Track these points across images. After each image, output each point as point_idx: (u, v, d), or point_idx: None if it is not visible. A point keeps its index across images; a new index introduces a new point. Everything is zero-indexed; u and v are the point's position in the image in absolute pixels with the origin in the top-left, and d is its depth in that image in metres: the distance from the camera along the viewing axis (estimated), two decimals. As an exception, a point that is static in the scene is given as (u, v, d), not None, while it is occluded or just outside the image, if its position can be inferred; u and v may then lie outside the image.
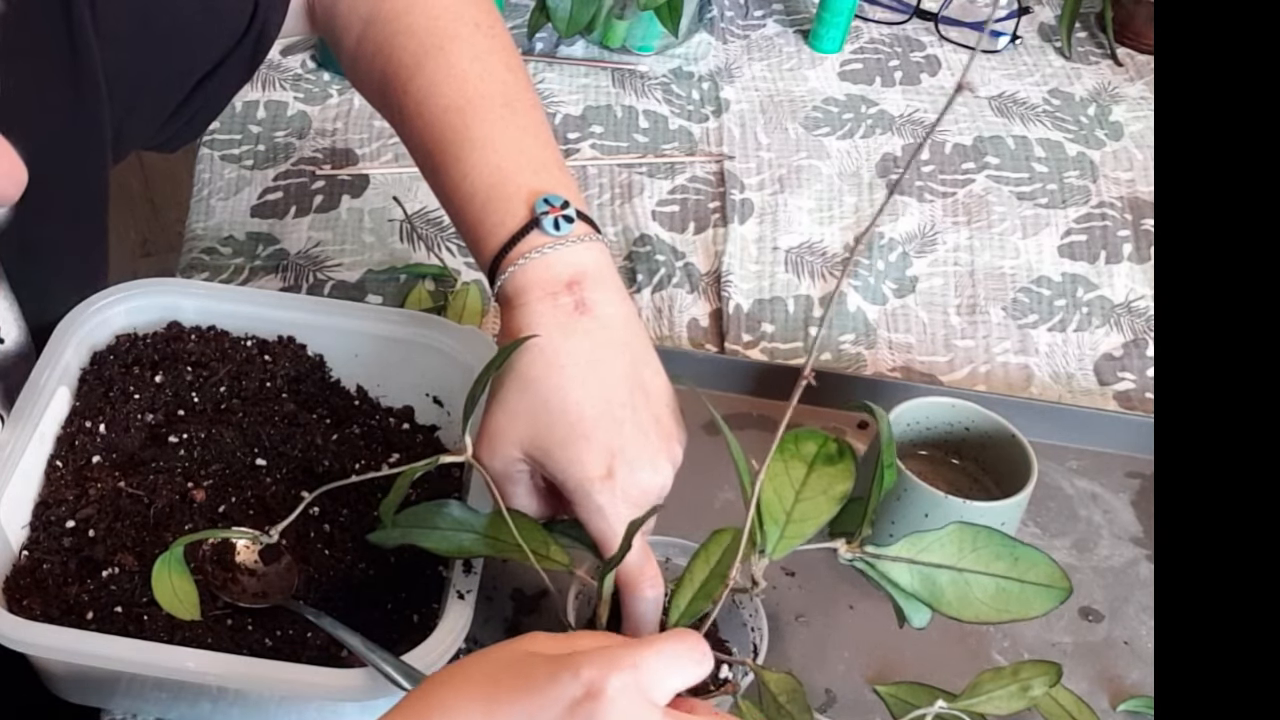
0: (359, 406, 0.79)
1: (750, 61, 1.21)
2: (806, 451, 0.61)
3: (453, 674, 0.52)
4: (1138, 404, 0.93)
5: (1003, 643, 0.76)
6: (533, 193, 0.68)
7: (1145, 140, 1.14)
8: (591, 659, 0.49)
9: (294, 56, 1.18)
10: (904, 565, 0.58)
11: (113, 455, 0.73)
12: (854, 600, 0.77)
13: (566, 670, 0.49)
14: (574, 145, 1.10)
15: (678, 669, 0.51)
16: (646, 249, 1.01)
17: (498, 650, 0.53)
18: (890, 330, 0.97)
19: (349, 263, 0.99)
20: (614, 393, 0.64)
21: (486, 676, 0.51)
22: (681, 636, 0.52)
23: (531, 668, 0.50)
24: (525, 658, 0.51)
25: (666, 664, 0.50)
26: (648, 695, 0.49)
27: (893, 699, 0.65)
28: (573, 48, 1.21)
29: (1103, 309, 0.99)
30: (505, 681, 0.50)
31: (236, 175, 1.06)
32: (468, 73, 0.72)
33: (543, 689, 0.49)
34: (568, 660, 0.50)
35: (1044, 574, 0.58)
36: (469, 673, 0.51)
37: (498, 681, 0.50)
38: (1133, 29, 1.24)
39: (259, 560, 0.69)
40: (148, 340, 0.77)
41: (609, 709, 0.48)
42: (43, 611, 0.66)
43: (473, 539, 0.65)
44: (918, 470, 0.76)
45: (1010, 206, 1.07)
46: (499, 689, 0.50)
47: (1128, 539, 0.83)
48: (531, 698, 0.49)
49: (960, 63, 1.22)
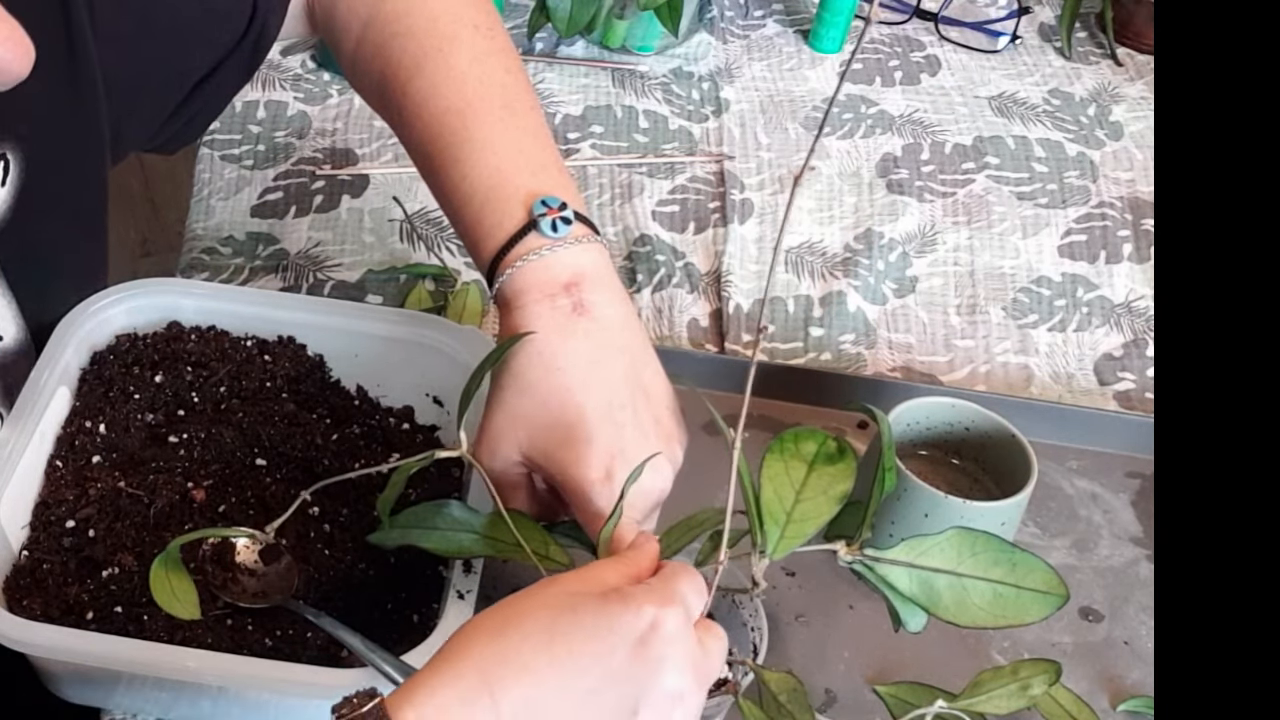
0: (359, 406, 0.79)
1: (750, 61, 1.21)
2: (806, 451, 0.61)
3: (501, 626, 0.51)
4: (1138, 404, 0.93)
5: (1002, 642, 0.76)
6: (531, 194, 0.68)
7: (1145, 140, 1.14)
8: (646, 595, 0.52)
9: (294, 56, 1.18)
10: (903, 569, 0.58)
11: (113, 455, 0.73)
12: (854, 600, 0.77)
13: (627, 609, 0.51)
14: (574, 145, 1.10)
15: (699, 597, 0.55)
16: (646, 249, 1.01)
17: (533, 596, 0.53)
18: (890, 330, 0.97)
19: (349, 263, 0.99)
20: (613, 394, 0.64)
21: (541, 625, 0.51)
22: (686, 568, 0.56)
23: (584, 611, 0.51)
24: (572, 601, 0.52)
25: (696, 593, 0.55)
26: (691, 625, 0.53)
27: (893, 699, 0.65)
28: (573, 48, 1.21)
29: (1103, 309, 0.99)
30: (564, 627, 0.51)
31: (236, 175, 1.06)
32: (467, 74, 0.72)
33: (607, 631, 0.51)
34: (622, 599, 0.52)
35: (1041, 580, 0.58)
36: (521, 624, 0.51)
37: (555, 627, 0.51)
38: (1133, 29, 1.24)
39: (259, 560, 0.69)
40: (148, 340, 0.77)
41: (671, 640, 0.51)
42: (43, 611, 0.66)
43: (473, 539, 0.65)
44: (918, 470, 0.76)
45: (1010, 206, 1.07)
46: (559, 636, 0.50)
47: (1128, 539, 0.83)
48: (597, 640, 0.51)
49: (960, 63, 1.23)
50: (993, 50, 1.24)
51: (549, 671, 0.50)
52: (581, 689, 0.50)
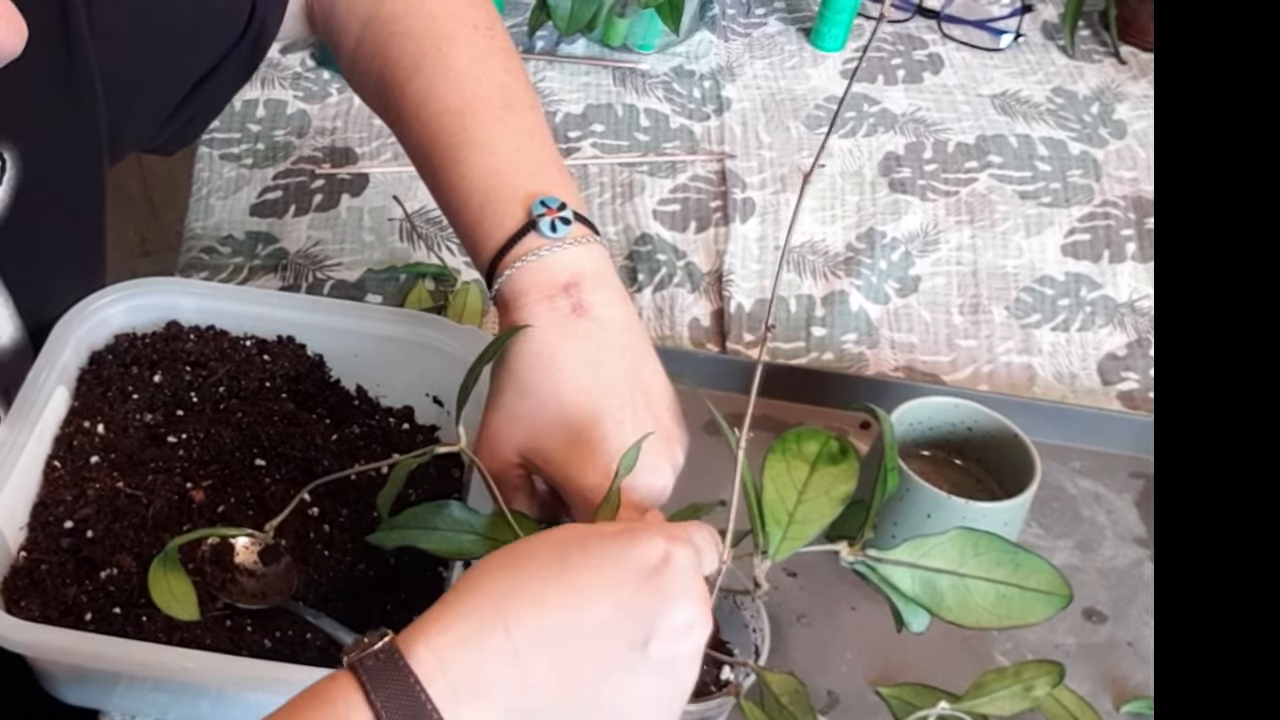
0: (359, 406, 0.79)
1: (752, 60, 1.21)
2: (809, 451, 0.61)
3: (511, 562, 0.52)
4: (1141, 404, 0.93)
5: (1005, 644, 0.76)
6: (530, 195, 0.67)
7: (1148, 139, 1.13)
8: (659, 531, 0.53)
9: (293, 55, 1.18)
10: (905, 569, 0.58)
11: (111, 455, 0.73)
12: (856, 601, 0.77)
13: (640, 540, 0.52)
14: (575, 144, 1.10)
15: (710, 552, 0.56)
16: (648, 248, 1.00)
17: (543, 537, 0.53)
18: (893, 330, 0.97)
19: (349, 262, 0.99)
20: (613, 395, 0.64)
21: (552, 560, 0.51)
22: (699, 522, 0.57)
23: (593, 546, 0.52)
24: (581, 536, 0.53)
25: (709, 544, 0.56)
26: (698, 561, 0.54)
27: (895, 700, 0.65)
28: (573, 46, 1.20)
29: (1106, 308, 0.99)
30: (575, 561, 0.51)
31: (236, 174, 1.06)
32: (466, 74, 0.72)
33: (619, 562, 0.51)
34: (635, 531, 0.53)
35: (1045, 581, 0.58)
36: (531, 560, 0.52)
37: (567, 561, 0.51)
38: (1136, 27, 1.24)
39: (258, 561, 0.69)
40: (146, 340, 0.77)
41: (680, 575, 0.52)
42: (41, 612, 0.66)
43: (473, 540, 0.65)
44: (920, 470, 0.76)
45: (1013, 205, 1.07)
46: (570, 569, 0.51)
47: (1131, 540, 0.83)
48: (608, 571, 0.51)
49: (963, 61, 1.22)
50: (996, 48, 1.24)
51: (560, 603, 0.50)
52: (594, 620, 0.50)
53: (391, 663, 0.48)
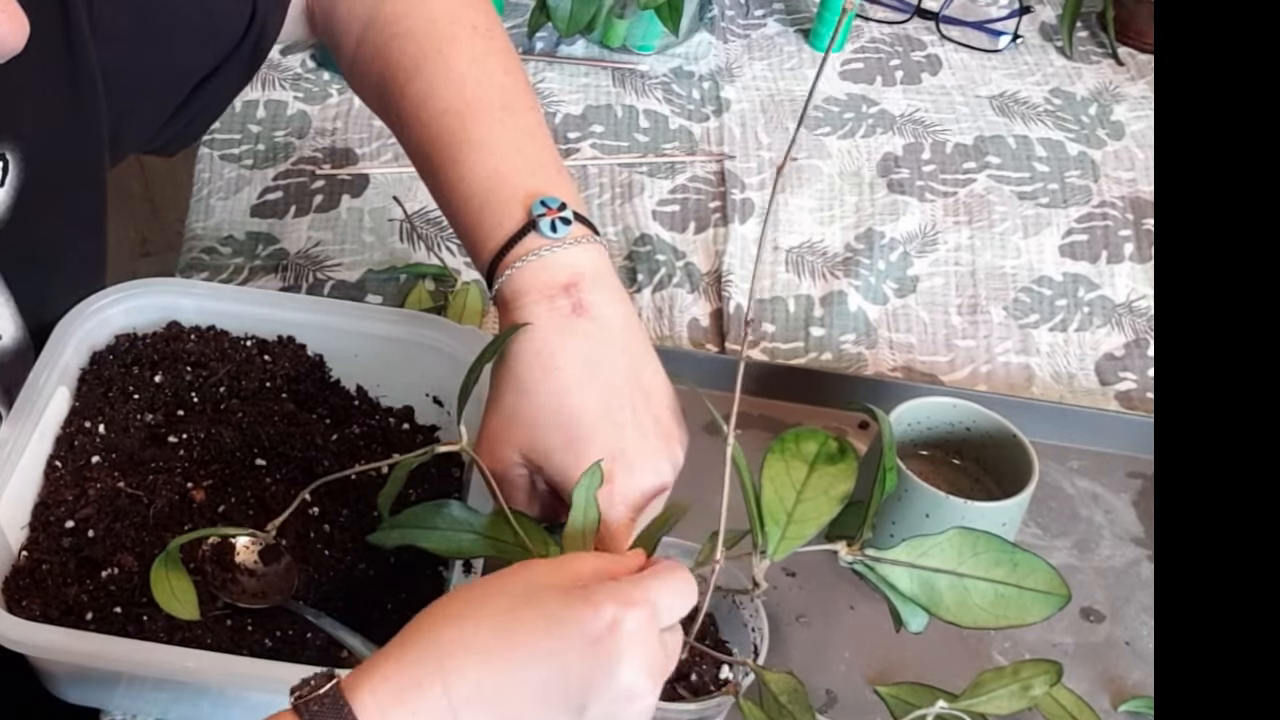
0: (359, 406, 0.79)
1: (751, 61, 1.21)
2: (807, 451, 0.61)
3: (462, 610, 0.52)
4: (1139, 404, 0.93)
5: (1004, 643, 0.76)
6: (530, 195, 0.68)
7: (1146, 140, 1.13)
8: (609, 594, 0.52)
9: (294, 56, 1.18)
10: (904, 569, 0.58)
11: (112, 455, 0.73)
12: (855, 601, 0.77)
13: (587, 606, 0.51)
14: (574, 145, 1.10)
15: (680, 600, 0.54)
16: (647, 249, 1.00)
17: (500, 582, 0.53)
18: (891, 330, 0.97)
19: (349, 262, 0.99)
20: (613, 395, 0.64)
21: (502, 612, 0.51)
22: (675, 568, 0.55)
23: (547, 602, 0.51)
24: (537, 592, 0.52)
25: (672, 596, 0.54)
26: (658, 626, 0.53)
27: (893, 699, 0.65)
28: (573, 47, 1.21)
29: (1104, 309, 0.99)
30: (524, 616, 0.51)
31: (236, 175, 1.06)
32: (465, 75, 0.72)
33: (564, 626, 0.51)
34: (585, 595, 0.51)
35: (1043, 580, 0.58)
36: (481, 609, 0.51)
37: (515, 616, 0.51)
38: (1134, 28, 1.24)
39: (259, 560, 0.69)
40: (147, 340, 0.77)
41: (628, 643, 0.51)
42: (42, 612, 0.66)
43: (472, 539, 0.65)
44: (919, 470, 0.76)
45: (1011, 206, 1.07)
46: (517, 625, 0.51)
47: (1129, 539, 0.83)
48: (553, 634, 0.51)
49: (961, 62, 1.22)
50: (994, 50, 1.24)
51: (502, 659, 0.50)
52: (533, 680, 0.50)
53: (336, 708, 0.49)
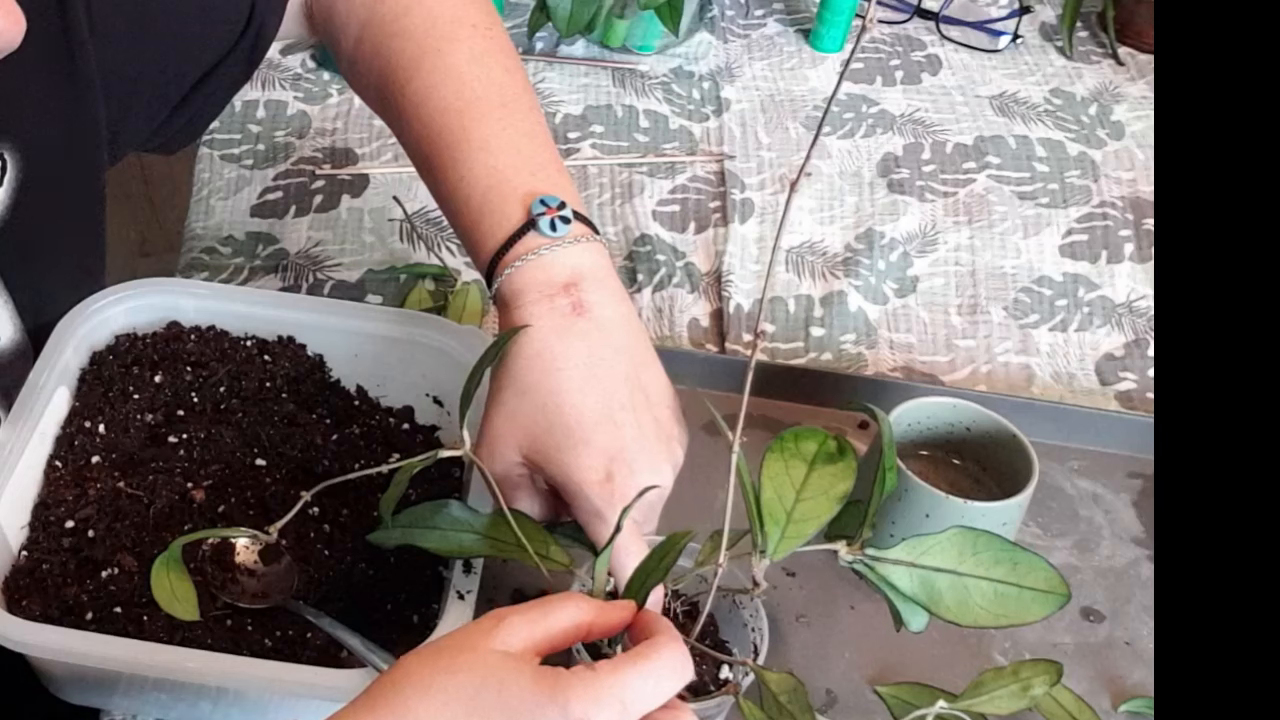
0: (359, 406, 0.79)
1: (751, 61, 1.21)
2: (807, 451, 0.61)
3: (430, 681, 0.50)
4: (1139, 404, 0.93)
5: (1004, 643, 0.76)
6: (529, 194, 0.68)
7: (1146, 140, 1.13)
8: (579, 694, 0.49)
9: (294, 56, 1.18)
10: (904, 568, 0.58)
11: (112, 455, 0.73)
12: (855, 601, 0.77)
13: (554, 703, 0.49)
14: (574, 145, 1.10)
15: (661, 688, 0.51)
16: (647, 249, 1.00)
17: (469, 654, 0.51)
18: (891, 330, 0.97)
19: (349, 263, 0.99)
20: (613, 395, 0.64)
21: (467, 695, 0.49)
22: (660, 649, 0.52)
23: (510, 690, 0.49)
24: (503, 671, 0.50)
25: (652, 686, 0.51)
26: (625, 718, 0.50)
27: (893, 699, 0.65)
28: (573, 47, 1.21)
29: (1104, 309, 0.99)
30: (489, 698, 0.49)
31: (236, 175, 1.06)
32: (465, 74, 0.72)
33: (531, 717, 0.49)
34: (552, 688, 0.49)
35: (1043, 579, 0.58)
36: (448, 686, 0.50)
37: (480, 698, 0.49)
38: (1134, 28, 1.24)
39: (259, 560, 0.69)
40: (147, 340, 0.77)
41: None
42: (42, 612, 0.66)
43: (473, 539, 0.65)
44: (919, 470, 0.76)
45: (1011, 206, 1.07)
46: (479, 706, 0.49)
47: (1129, 539, 0.83)
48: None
49: (961, 62, 1.22)
50: (994, 50, 1.24)
51: None
52: None
53: None
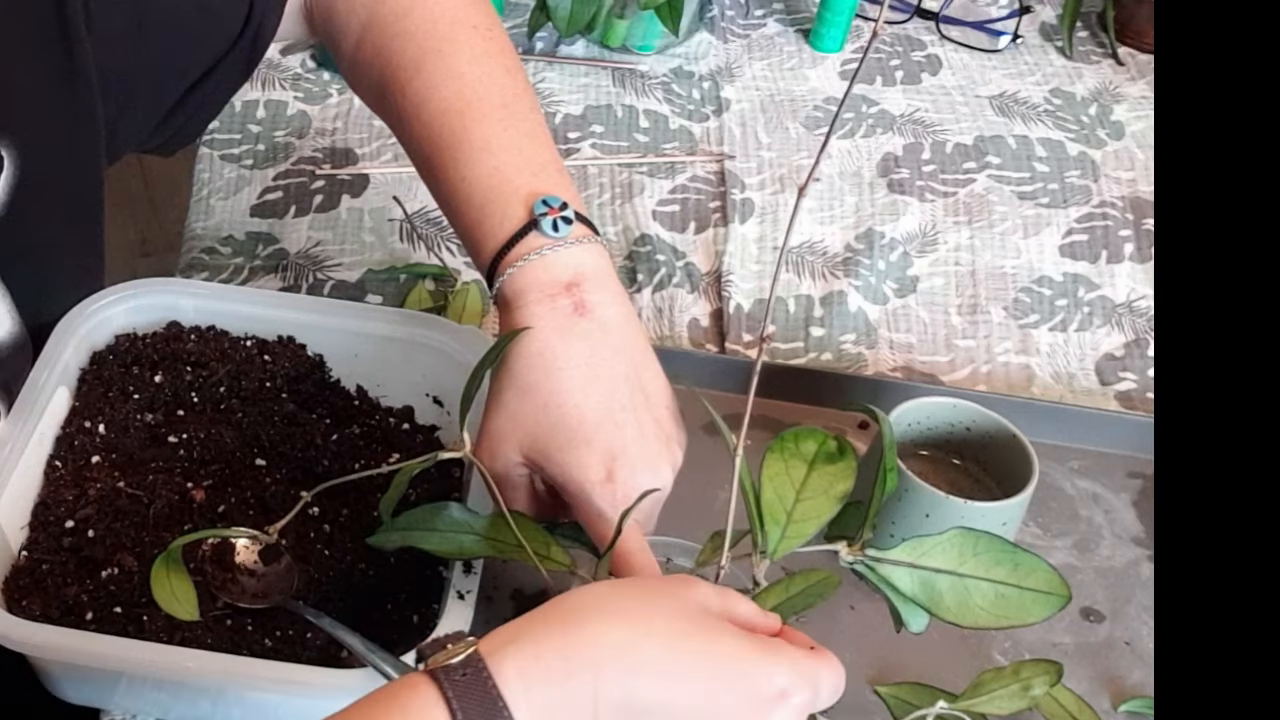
0: (359, 406, 0.79)
1: (751, 61, 1.21)
2: (807, 450, 0.61)
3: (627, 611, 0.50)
4: (1139, 404, 0.93)
5: (1004, 643, 0.76)
6: (531, 194, 0.68)
7: (1146, 140, 1.13)
8: (791, 662, 0.51)
9: (294, 56, 1.18)
10: (904, 569, 0.58)
11: (112, 455, 0.73)
12: (855, 601, 0.77)
13: (765, 664, 0.51)
14: (574, 145, 1.10)
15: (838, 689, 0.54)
16: (647, 249, 1.00)
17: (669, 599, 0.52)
18: (891, 330, 0.97)
19: (349, 263, 0.99)
20: (613, 396, 0.64)
21: (671, 631, 0.50)
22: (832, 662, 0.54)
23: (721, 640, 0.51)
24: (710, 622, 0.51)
25: (835, 683, 0.53)
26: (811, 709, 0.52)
27: (894, 699, 0.65)
28: (573, 47, 1.21)
29: (1104, 309, 0.99)
30: (694, 645, 0.50)
31: (236, 175, 1.06)
32: (466, 75, 0.72)
33: (734, 672, 0.50)
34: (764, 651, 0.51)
35: (1043, 580, 0.58)
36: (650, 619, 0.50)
37: (685, 639, 0.50)
38: (1134, 28, 1.24)
39: (259, 560, 0.69)
40: (147, 340, 0.77)
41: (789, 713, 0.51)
42: (42, 611, 0.66)
43: (473, 540, 0.65)
44: (919, 470, 0.76)
45: (1011, 206, 1.07)
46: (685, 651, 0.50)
47: (1129, 539, 0.83)
48: (719, 675, 0.50)
49: (961, 62, 1.22)
50: (994, 50, 1.24)
51: (660, 680, 0.49)
52: (682, 709, 0.50)
53: (479, 682, 0.48)
